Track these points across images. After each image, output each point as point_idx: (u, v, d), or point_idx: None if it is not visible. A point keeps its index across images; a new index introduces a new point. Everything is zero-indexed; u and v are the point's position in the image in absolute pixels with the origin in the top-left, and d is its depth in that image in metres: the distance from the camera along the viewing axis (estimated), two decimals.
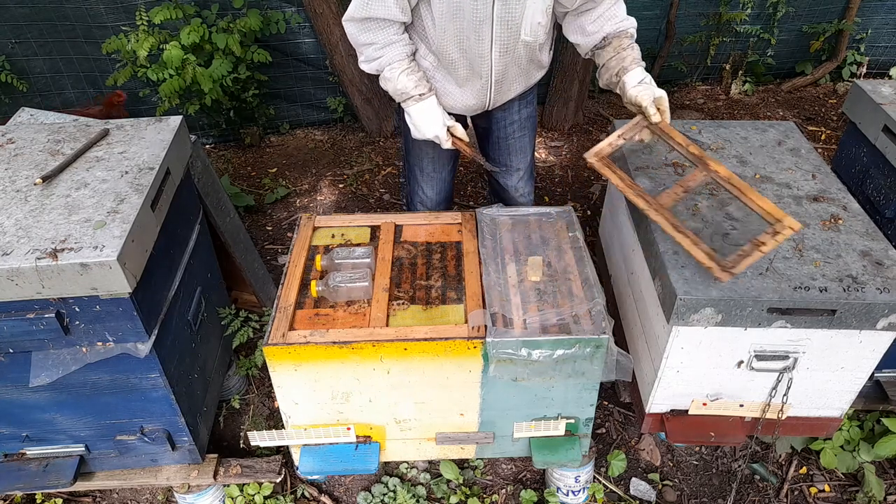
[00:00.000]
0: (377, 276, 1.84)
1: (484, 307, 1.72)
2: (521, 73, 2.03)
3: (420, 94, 1.93)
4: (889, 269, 1.70)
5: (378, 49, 1.89)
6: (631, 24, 1.94)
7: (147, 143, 1.89)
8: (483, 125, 2.30)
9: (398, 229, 2.04)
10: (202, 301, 2.07)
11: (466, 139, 2.04)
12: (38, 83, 3.70)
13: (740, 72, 4.49)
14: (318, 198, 3.64)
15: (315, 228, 2.05)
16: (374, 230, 2.04)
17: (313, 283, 1.78)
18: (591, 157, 1.91)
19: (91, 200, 1.65)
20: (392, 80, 1.92)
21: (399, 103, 2.00)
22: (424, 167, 2.29)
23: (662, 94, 1.90)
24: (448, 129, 2.00)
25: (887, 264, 1.72)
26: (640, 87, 1.89)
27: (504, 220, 2.03)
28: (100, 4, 3.43)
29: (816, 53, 4.54)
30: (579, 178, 3.75)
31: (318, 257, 1.86)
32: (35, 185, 1.71)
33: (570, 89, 4.00)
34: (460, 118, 2.22)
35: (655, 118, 1.88)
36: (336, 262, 1.85)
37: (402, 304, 1.77)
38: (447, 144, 2.01)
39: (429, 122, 1.97)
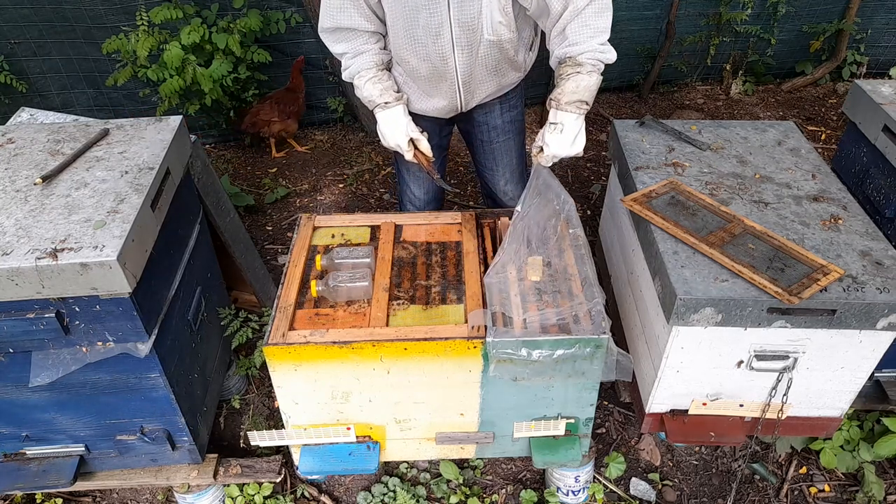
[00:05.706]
0: (377, 276, 1.84)
1: (484, 307, 1.72)
2: (490, 72, 2.00)
3: (385, 103, 1.94)
4: (889, 269, 1.70)
5: (350, 59, 1.94)
6: (585, 48, 1.77)
7: (147, 142, 1.89)
8: (466, 129, 2.31)
9: (398, 229, 2.04)
10: (202, 301, 2.07)
11: (429, 154, 2.04)
12: (38, 83, 3.70)
13: (740, 72, 4.49)
14: (318, 198, 3.64)
15: (315, 228, 2.05)
16: (374, 230, 2.04)
17: (313, 282, 1.78)
18: (627, 201, 1.97)
19: (91, 200, 1.65)
20: (360, 88, 1.95)
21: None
22: (411, 167, 2.30)
23: (553, 150, 1.89)
24: (412, 141, 1.99)
25: (887, 264, 1.72)
26: (548, 127, 1.87)
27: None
28: (100, 5, 3.43)
29: (816, 53, 4.54)
30: (579, 178, 3.75)
31: (318, 257, 1.86)
32: (35, 185, 1.71)
33: None
34: (446, 122, 2.22)
35: (535, 160, 1.92)
36: (336, 261, 1.85)
37: (402, 303, 1.77)
38: (408, 156, 2.02)
39: (392, 131, 1.97)
